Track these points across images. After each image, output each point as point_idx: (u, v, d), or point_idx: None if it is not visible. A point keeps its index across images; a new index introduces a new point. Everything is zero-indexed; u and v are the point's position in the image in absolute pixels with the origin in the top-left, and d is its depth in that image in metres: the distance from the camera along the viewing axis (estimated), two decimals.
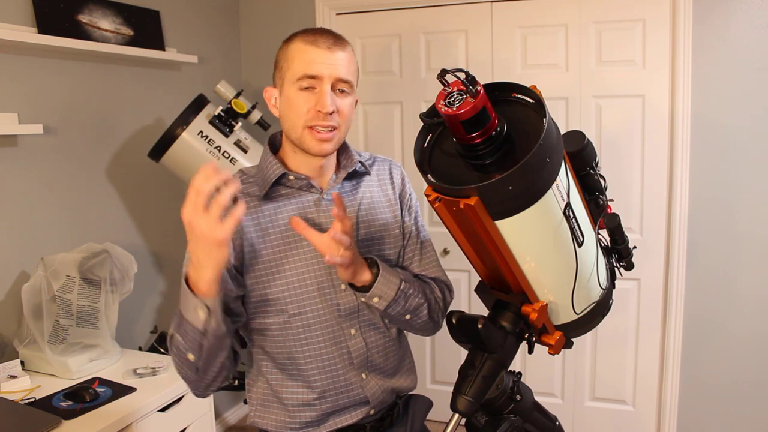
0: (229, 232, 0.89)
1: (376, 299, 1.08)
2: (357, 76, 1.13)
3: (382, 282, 1.08)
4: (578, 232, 0.90)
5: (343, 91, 1.09)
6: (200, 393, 1.10)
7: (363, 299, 1.10)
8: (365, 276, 1.07)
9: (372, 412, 1.19)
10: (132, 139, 2.36)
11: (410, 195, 1.27)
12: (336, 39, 1.08)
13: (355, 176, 1.21)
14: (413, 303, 1.14)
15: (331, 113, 1.06)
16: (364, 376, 1.18)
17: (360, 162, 1.20)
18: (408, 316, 1.15)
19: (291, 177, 1.13)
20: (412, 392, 1.31)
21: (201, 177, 0.87)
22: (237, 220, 0.90)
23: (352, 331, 1.16)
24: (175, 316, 1.02)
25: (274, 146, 1.19)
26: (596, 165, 0.98)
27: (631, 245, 1.08)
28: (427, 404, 1.32)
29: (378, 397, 1.19)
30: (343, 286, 1.14)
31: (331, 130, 1.08)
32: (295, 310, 1.12)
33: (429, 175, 0.84)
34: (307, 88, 1.06)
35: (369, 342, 1.18)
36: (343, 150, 1.20)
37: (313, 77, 1.05)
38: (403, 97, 2.76)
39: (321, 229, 1.11)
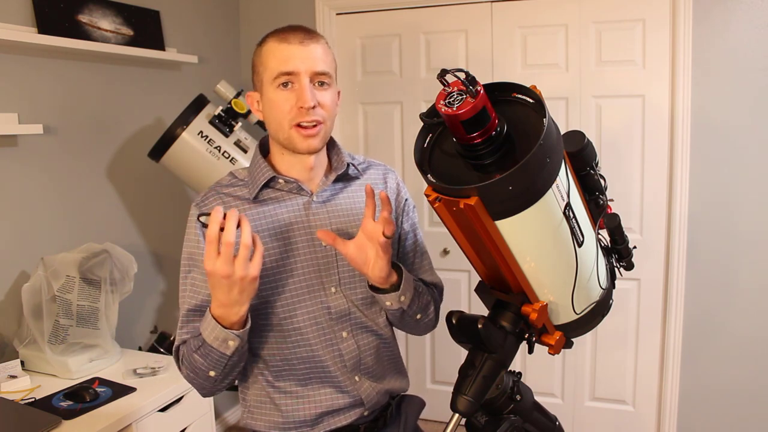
0: (260, 267, 0.95)
1: (403, 297, 1.08)
2: (335, 68, 1.11)
3: (406, 279, 1.08)
4: (578, 232, 0.89)
5: (322, 84, 1.07)
6: (208, 395, 1.12)
7: (389, 302, 1.09)
8: (393, 276, 1.07)
9: (366, 413, 1.19)
10: (132, 139, 2.36)
11: (406, 200, 1.25)
12: (307, 33, 1.08)
13: (346, 179, 1.19)
14: (423, 301, 1.15)
15: (313, 107, 1.05)
16: (357, 378, 1.18)
17: (350, 164, 1.18)
18: (419, 315, 1.15)
19: (280, 180, 1.12)
20: (405, 393, 1.31)
21: (210, 226, 0.90)
22: (262, 255, 0.95)
23: (344, 334, 1.15)
24: (194, 339, 1.04)
25: (264, 150, 1.18)
26: (596, 165, 0.98)
27: (631, 245, 1.08)
28: (420, 404, 1.32)
29: (372, 398, 1.19)
30: (333, 289, 1.14)
31: (315, 125, 1.06)
32: (287, 313, 1.12)
33: (429, 175, 0.84)
34: (285, 85, 1.05)
35: (361, 344, 1.17)
36: (334, 151, 1.19)
37: (289, 74, 1.05)
38: (403, 97, 2.76)
39: (311, 232, 1.11)
